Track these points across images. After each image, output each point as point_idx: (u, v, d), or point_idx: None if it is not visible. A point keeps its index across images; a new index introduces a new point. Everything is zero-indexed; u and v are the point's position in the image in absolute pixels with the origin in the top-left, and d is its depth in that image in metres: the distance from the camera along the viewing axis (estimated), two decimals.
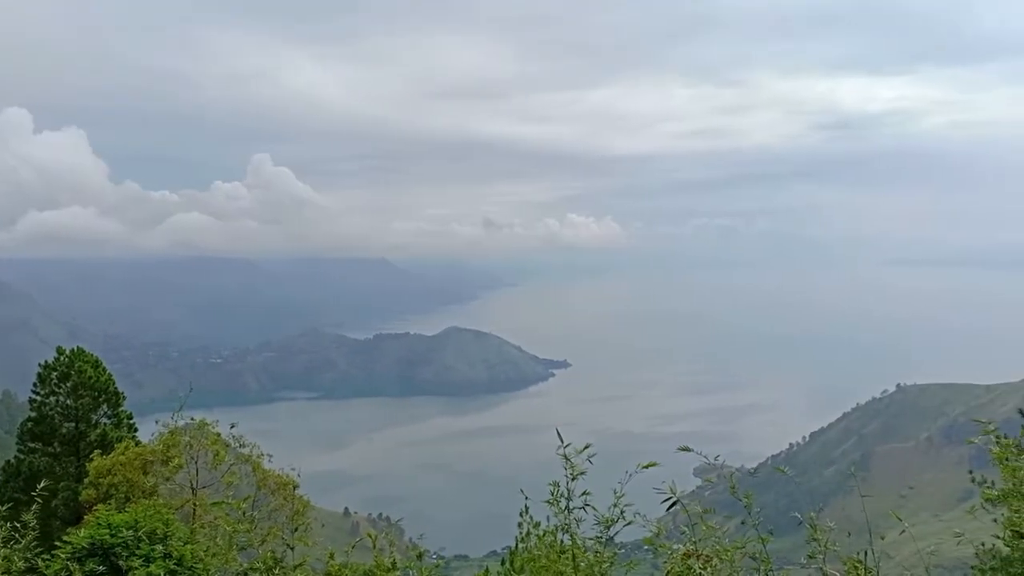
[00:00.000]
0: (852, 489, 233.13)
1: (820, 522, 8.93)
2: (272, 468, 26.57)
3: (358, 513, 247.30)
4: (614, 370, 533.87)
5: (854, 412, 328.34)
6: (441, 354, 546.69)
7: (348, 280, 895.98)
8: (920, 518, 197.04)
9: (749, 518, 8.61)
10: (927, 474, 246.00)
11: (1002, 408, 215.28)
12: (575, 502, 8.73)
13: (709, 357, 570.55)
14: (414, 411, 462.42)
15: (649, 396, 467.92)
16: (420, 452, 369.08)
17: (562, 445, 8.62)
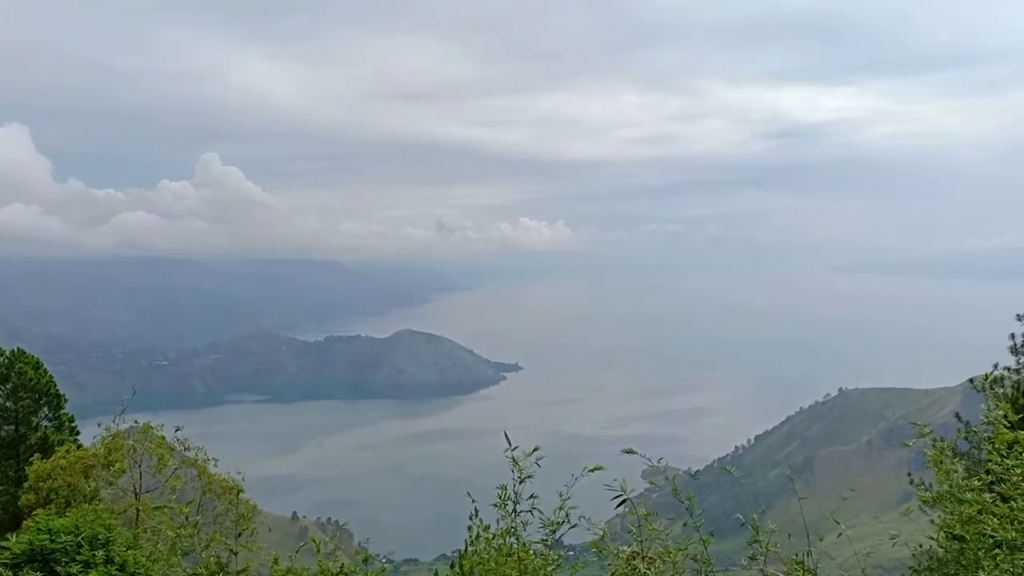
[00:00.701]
0: (795, 491, 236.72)
1: (763, 524, 9.07)
2: (218, 472, 26.20)
3: (307, 517, 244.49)
4: (565, 373, 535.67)
5: (798, 415, 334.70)
6: (392, 357, 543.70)
7: (298, 281, 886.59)
8: (861, 519, 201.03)
9: (690, 520, 8.73)
10: (868, 476, 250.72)
11: (940, 412, 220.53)
12: (522, 505, 8.76)
13: (658, 360, 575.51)
14: (365, 414, 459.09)
15: (599, 399, 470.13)
16: (371, 455, 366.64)
17: (510, 448, 8.65)
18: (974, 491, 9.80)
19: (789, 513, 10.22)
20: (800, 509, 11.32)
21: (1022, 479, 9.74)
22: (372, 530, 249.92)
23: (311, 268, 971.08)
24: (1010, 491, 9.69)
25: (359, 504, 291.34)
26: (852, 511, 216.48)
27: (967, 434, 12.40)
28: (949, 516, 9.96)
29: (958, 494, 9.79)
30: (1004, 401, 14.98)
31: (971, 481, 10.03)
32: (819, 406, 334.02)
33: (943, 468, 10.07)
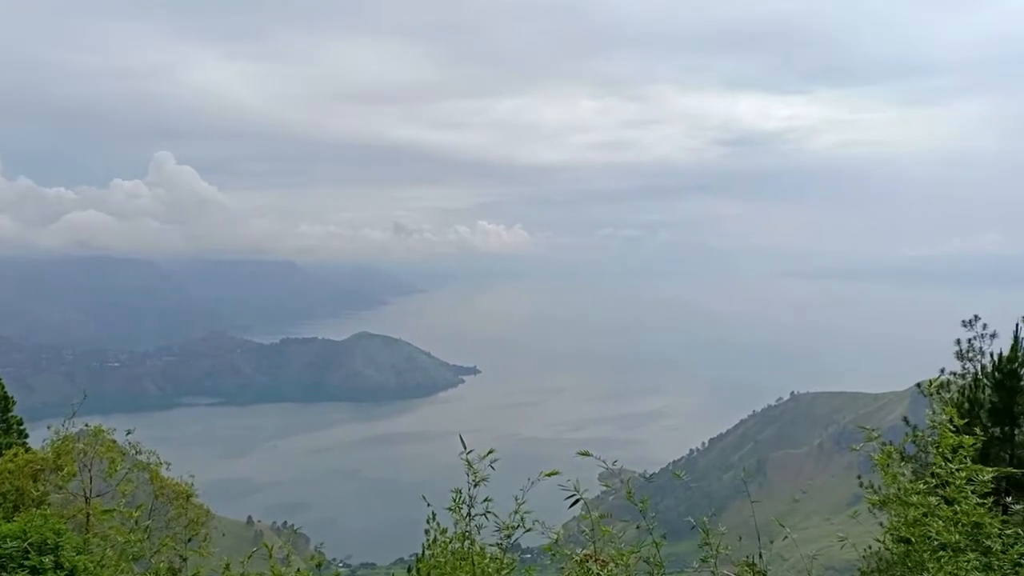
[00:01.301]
0: (749, 493, 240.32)
1: (716, 526, 9.18)
2: (170, 476, 25.80)
3: (262, 522, 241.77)
4: (523, 376, 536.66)
5: (751, 419, 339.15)
6: (350, 359, 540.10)
7: (254, 283, 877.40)
8: (812, 521, 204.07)
9: (644, 523, 8.80)
10: (819, 479, 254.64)
11: (889, 416, 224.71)
12: (477, 509, 8.77)
13: (615, 364, 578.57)
14: (321, 417, 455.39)
15: (557, 402, 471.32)
16: (327, 459, 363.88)
17: (464, 451, 8.66)
18: (920, 494, 9.98)
19: (743, 515, 10.35)
20: (759, 511, 11.50)
21: (966, 483, 9.96)
22: (328, 534, 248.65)
23: (267, 269, 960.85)
24: (955, 494, 9.89)
25: (315, 508, 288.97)
26: (804, 513, 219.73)
27: (914, 438, 12.62)
28: (896, 519, 10.13)
29: (904, 497, 9.97)
30: (950, 405, 15.33)
31: (917, 484, 10.22)
32: (772, 409, 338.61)
33: (890, 472, 10.25)
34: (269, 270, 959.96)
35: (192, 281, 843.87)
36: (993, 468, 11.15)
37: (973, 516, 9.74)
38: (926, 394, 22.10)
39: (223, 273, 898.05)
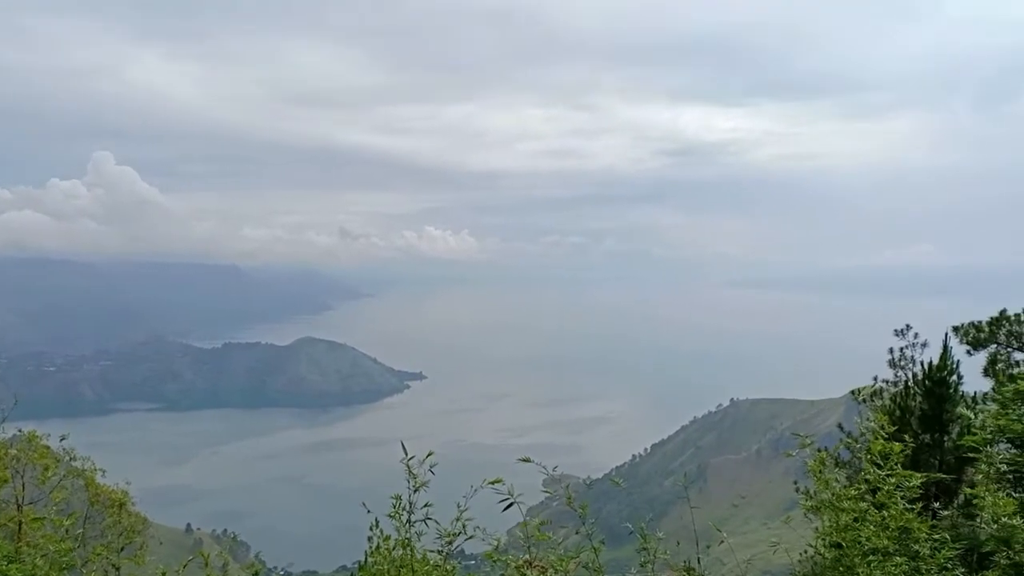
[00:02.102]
0: (690, 498, 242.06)
1: (658, 531, 9.29)
2: (106, 483, 25.26)
3: (201, 529, 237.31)
4: (468, 382, 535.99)
5: (692, 424, 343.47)
6: (293, 365, 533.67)
7: (195, 286, 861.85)
8: (751, 526, 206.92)
9: (583, 528, 8.88)
10: (757, 484, 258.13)
11: (825, 422, 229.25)
12: (417, 515, 8.77)
13: (560, 370, 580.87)
14: (264, 423, 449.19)
15: (502, 408, 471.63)
16: (270, 465, 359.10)
17: (405, 457, 8.65)
18: (851, 500, 10.19)
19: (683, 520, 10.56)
20: (699, 516, 11.68)
21: (895, 488, 10.22)
22: (270, 541, 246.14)
23: (209, 273, 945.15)
24: (884, 499, 10.15)
25: (256, 515, 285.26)
26: (743, 518, 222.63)
27: (848, 444, 12.91)
28: (828, 524, 10.33)
29: (835, 503, 10.17)
30: (882, 412, 15.72)
31: (848, 490, 10.43)
32: (712, 416, 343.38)
33: (822, 478, 10.45)
34: (211, 273, 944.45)
35: (131, 284, 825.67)
36: (922, 474, 11.49)
37: (902, 521, 10.00)
38: (860, 401, 22.66)
39: (164, 276, 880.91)
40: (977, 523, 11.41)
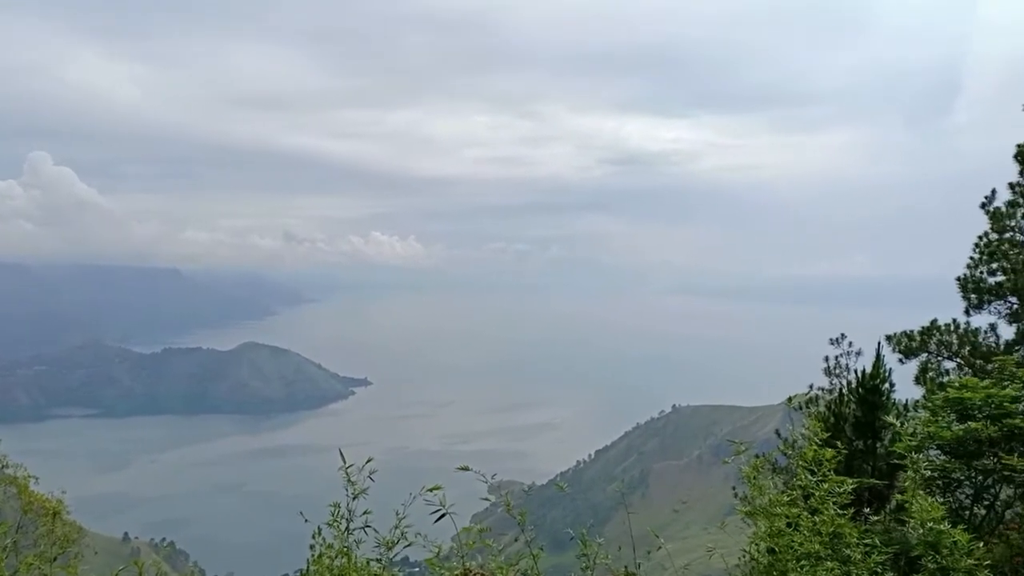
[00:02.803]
0: (632, 504, 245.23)
1: (596, 537, 9.37)
2: (40, 491, 24.65)
3: (139, 538, 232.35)
4: (414, 388, 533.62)
5: (635, 430, 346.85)
6: (236, 370, 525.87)
7: (135, 290, 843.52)
8: (691, 531, 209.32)
9: (522, 535, 8.92)
10: (698, 489, 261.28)
11: (763, 429, 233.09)
12: (356, 523, 8.73)
13: (506, 376, 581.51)
14: (204, 430, 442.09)
15: (448, 414, 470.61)
16: (210, 472, 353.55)
17: (344, 465, 8.62)
18: (783, 505, 10.38)
19: (626, 525, 10.73)
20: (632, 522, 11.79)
21: (827, 494, 10.46)
22: (209, 550, 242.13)
23: (149, 276, 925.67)
24: (817, 505, 10.38)
25: (196, 523, 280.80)
26: (684, 523, 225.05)
27: (785, 450, 13.16)
28: (762, 529, 10.51)
29: (769, 508, 10.35)
30: (817, 419, 16.07)
31: (782, 496, 10.63)
32: (655, 422, 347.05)
33: (756, 483, 10.62)
34: (151, 277, 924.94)
35: (68, 287, 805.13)
36: (854, 479, 11.77)
37: (833, 526, 10.23)
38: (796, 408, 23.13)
39: (102, 279, 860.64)
40: (907, 528, 11.72)
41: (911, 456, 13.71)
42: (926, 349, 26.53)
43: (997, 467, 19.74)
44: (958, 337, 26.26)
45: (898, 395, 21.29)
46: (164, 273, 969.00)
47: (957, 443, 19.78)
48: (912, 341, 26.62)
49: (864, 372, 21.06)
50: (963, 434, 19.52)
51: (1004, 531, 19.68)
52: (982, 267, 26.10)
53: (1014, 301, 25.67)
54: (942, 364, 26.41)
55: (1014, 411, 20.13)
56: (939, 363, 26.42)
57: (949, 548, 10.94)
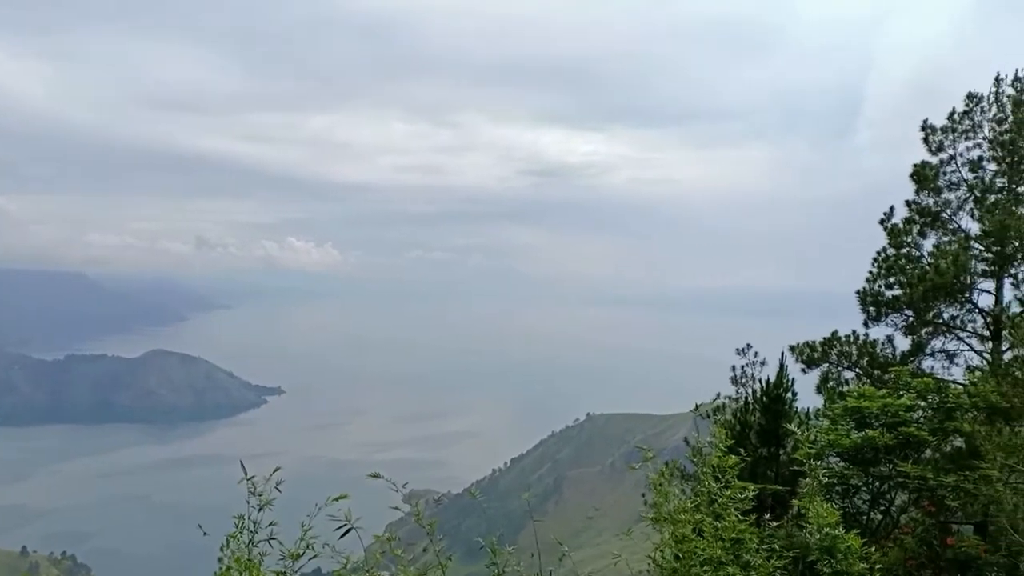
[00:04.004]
0: (547, 511, 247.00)
1: (506, 545, 9.45)
2: None
3: (38, 552, 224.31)
4: (329, 397, 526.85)
5: (550, 439, 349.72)
6: (142, 378, 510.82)
7: (36, 294, 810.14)
8: (604, 538, 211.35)
9: (436, 544, 8.96)
10: (611, 497, 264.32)
11: (674, 436, 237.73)
12: (260, 535, 8.61)
13: (424, 385, 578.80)
14: (109, 439, 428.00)
15: (364, 423, 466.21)
16: (114, 484, 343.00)
17: (247, 476, 8.49)
18: (688, 512, 10.66)
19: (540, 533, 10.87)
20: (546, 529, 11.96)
21: (729, 500, 10.79)
22: (112, 563, 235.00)
23: (52, 280, 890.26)
24: (720, 511, 10.70)
25: (99, 536, 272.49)
26: (597, 530, 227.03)
27: (693, 457, 13.47)
28: (667, 535, 10.76)
29: (674, 515, 10.61)
30: (723, 427, 16.52)
31: (686, 503, 10.91)
32: (570, 430, 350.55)
33: (661, 490, 10.86)
34: (54, 280, 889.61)
35: None
36: (756, 485, 12.15)
37: (735, 532, 10.57)
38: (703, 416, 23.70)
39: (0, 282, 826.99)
40: (804, 533, 12.16)
41: (810, 463, 14.26)
42: (827, 359, 27.54)
43: (893, 473, 20.59)
44: (857, 348, 27.34)
45: (800, 404, 22.05)
46: (68, 277, 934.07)
47: (855, 450, 20.58)
48: (814, 352, 27.60)
49: (768, 381, 21.76)
50: (861, 442, 20.30)
51: (899, 535, 20.55)
52: (880, 281, 27.22)
53: (910, 314, 26.85)
54: (842, 374, 27.45)
55: (909, 420, 21.04)
56: (839, 373, 27.46)
57: (843, 553, 11.40)
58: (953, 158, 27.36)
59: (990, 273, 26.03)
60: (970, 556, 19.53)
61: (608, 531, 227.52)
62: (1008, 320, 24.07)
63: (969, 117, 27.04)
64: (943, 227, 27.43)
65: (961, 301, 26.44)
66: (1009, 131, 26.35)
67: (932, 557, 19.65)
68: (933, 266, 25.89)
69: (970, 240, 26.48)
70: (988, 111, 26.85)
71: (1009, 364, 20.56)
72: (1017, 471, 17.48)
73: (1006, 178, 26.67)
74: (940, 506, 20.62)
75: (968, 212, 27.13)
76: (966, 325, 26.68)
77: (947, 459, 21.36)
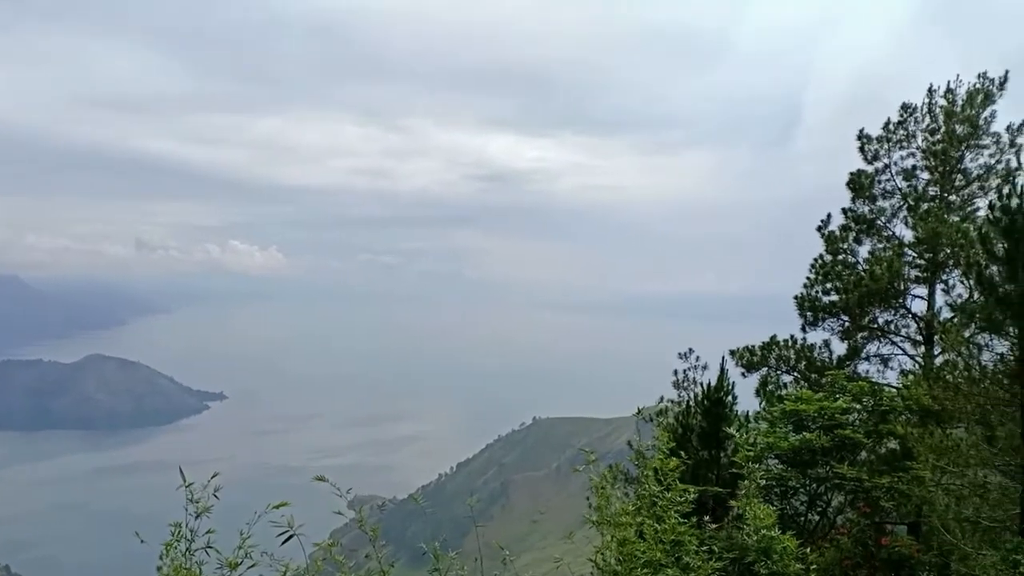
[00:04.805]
0: (493, 516, 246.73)
1: (463, 548, 9.49)
2: None
3: None
4: (274, 402, 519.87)
5: (497, 443, 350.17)
6: (81, 383, 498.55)
7: None
8: (549, 541, 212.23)
9: (377, 550, 8.95)
10: (556, 500, 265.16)
11: (619, 440, 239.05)
12: (198, 542, 8.51)
13: (372, 389, 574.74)
14: (45, 446, 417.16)
15: (310, 428, 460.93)
16: (51, 492, 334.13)
17: (184, 483, 8.40)
18: (629, 515, 10.78)
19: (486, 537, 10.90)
20: (492, 534, 12.02)
21: (668, 502, 10.95)
22: (51, 573, 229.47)
23: None
24: (661, 513, 10.85)
25: (36, 546, 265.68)
26: (542, 533, 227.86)
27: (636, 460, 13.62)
28: (608, 538, 10.86)
29: (614, 518, 10.72)
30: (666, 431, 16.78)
31: (627, 505, 11.04)
32: (516, 434, 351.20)
33: (603, 493, 10.94)
34: None
35: None
36: (698, 487, 12.36)
37: (674, 534, 10.73)
38: (647, 420, 24.01)
39: None
40: (742, 535, 12.40)
41: (748, 466, 14.55)
42: (766, 363, 28.08)
43: (829, 475, 21.07)
44: (795, 352, 27.92)
45: (741, 407, 22.46)
46: (3, 280, 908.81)
47: (793, 453, 21.02)
48: (754, 356, 28.12)
49: (710, 385, 22.11)
50: (799, 444, 20.75)
51: (835, 536, 21.03)
52: (818, 287, 27.84)
53: (846, 319, 27.49)
54: (781, 378, 28.01)
55: (845, 422, 21.55)
56: (778, 377, 28.02)
57: (780, 554, 11.63)
58: (888, 167, 28.10)
59: (923, 279, 26.77)
60: (903, 556, 20.07)
61: (553, 535, 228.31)
62: (939, 325, 24.72)
63: (903, 127, 27.79)
64: (878, 234, 28.15)
65: (895, 306, 27.15)
66: (941, 141, 27.15)
67: (867, 557, 20.15)
68: (868, 272, 26.53)
69: (904, 247, 27.19)
70: (921, 121, 27.62)
71: (941, 368, 21.13)
72: (948, 472, 17.95)
73: (938, 187, 27.46)
74: (875, 507, 21.14)
75: (902, 220, 27.89)
76: (900, 330, 27.39)
77: (882, 461, 21.92)
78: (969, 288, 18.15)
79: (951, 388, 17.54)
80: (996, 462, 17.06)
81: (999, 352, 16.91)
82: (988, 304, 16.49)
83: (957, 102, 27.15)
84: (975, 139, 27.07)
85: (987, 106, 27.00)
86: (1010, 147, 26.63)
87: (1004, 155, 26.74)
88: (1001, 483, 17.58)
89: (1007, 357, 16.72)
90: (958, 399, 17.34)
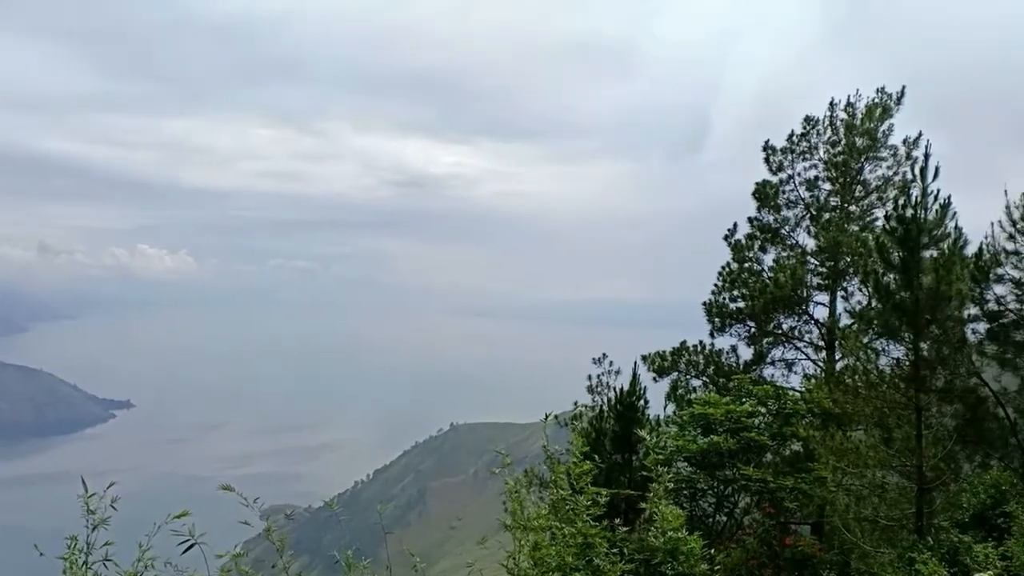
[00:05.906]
0: (411, 522, 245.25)
1: (379, 556, 9.47)
2: None
3: None
4: (183, 411, 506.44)
5: (414, 449, 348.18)
6: None
7: None
8: (466, 546, 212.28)
9: (280, 560, 8.89)
10: (474, 505, 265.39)
11: (535, 444, 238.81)
12: (96, 555, 8.29)
13: (285, 396, 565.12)
14: None
15: (221, 436, 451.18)
16: None
17: (85, 494, 8.18)
18: (541, 519, 10.91)
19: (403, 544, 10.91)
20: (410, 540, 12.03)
21: (579, 506, 11.12)
22: None
23: None
24: (572, 516, 11.01)
25: None
26: (459, 539, 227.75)
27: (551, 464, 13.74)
28: (521, 543, 10.95)
29: (528, 522, 10.83)
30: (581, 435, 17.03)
31: (540, 510, 11.17)
32: (433, 440, 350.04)
33: (517, 497, 11.03)
34: None
35: None
36: (610, 490, 12.57)
37: (584, 537, 10.90)
38: (562, 424, 24.28)
39: None
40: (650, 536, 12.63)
41: (657, 469, 14.88)
42: (677, 368, 28.73)
43: (736, 477, 21.66)
44: (704, 357, 28.64)
45: (652, 411, 22.92)
46: None
47: (702, 455, 21.55)
48: (664, 361, 28.74)
49: (623, 390, 22.52)
50: (707, 447, 21.28)
51: (742, 536, 21.60)
52: (725, 293, 28.60)
53: (752, 325, 28.32)
54: (691, 382, 28.70)
55: (751, 425, 22.19)
56: (688, 381, 28.70)
57: (686, 555, 11.92)
58: (792, 177, 29.05)
59: (824, 287, 27.73)
60: (806, 555, 20.74)
61: (471, 540, 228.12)
62: (840, 331, 25.63)
63: (806, 139, 28.77)
64: (782, 243, 29.07)
65: (798, 313, 28.06)
66: (842, 153, 28.18)
67: (772, 556, 20.75)
68: (773, 280, 27.35)
69: (806, 255, 28.12)
70: (823, 134, 28.63)
71: (841, 372, 21.96)
72: (848, 473, 18.63)
73: (839, 197, 28.50)
74: (779, 507, 21.79)
75: (805, 229, 28.85)
76: (803, 335, 28.33)
77: (786, 463, 22.62)
78: (867, 295, 18.92)
79: (851, 392, 18.23)
80: (893, 463, 17.77)
81: (896, 357, 17.63)
82: (885, 311, 17.20)
83: (857, 115, 28.24)
84: (874, 151, 28.17)
85: (885, 120, 28.14)
86: (907, 159, 27.75)
87: (901, 167, 27.86)
88: (898, 483, 18.33)
89: (903, 362, 17.46)
90: (857, 402, 18.03)
